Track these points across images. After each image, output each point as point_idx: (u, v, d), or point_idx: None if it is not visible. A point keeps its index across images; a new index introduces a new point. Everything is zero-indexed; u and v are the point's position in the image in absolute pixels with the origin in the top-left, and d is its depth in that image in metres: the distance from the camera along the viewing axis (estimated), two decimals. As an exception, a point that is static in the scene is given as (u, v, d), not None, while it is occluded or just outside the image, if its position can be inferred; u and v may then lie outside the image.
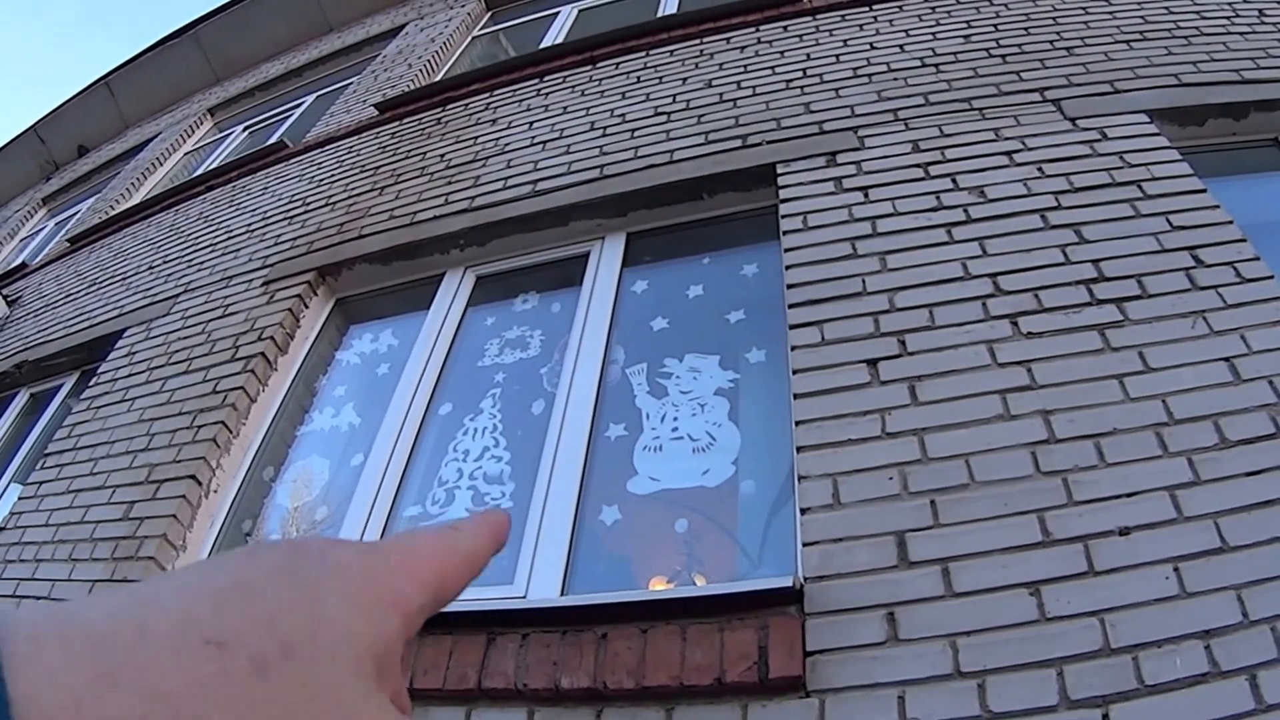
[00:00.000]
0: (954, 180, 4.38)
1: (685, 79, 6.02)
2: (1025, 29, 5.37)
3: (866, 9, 6.04)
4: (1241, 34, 4.96)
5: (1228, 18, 5.10)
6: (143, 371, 5.98)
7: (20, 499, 5.67)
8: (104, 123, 13.90)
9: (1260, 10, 5.15)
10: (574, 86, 6.53)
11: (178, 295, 6.66)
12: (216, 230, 7.33)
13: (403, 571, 0.43)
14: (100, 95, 13.71)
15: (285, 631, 0.35)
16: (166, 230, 8.07)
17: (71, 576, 4.68)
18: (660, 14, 7.73)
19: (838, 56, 5.62)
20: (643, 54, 6.55)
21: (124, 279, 7.62)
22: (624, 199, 5.17)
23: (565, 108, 6.29)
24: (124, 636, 0.32)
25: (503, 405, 4.67)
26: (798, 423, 3.55)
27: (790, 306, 4.03)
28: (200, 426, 5.08)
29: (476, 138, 6.44)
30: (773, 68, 5.76)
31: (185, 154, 11.54)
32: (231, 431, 5.05)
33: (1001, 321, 3.65)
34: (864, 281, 4.01)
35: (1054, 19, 5.41)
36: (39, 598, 4.69)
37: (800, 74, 5.58)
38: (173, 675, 0.31)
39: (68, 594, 4.58)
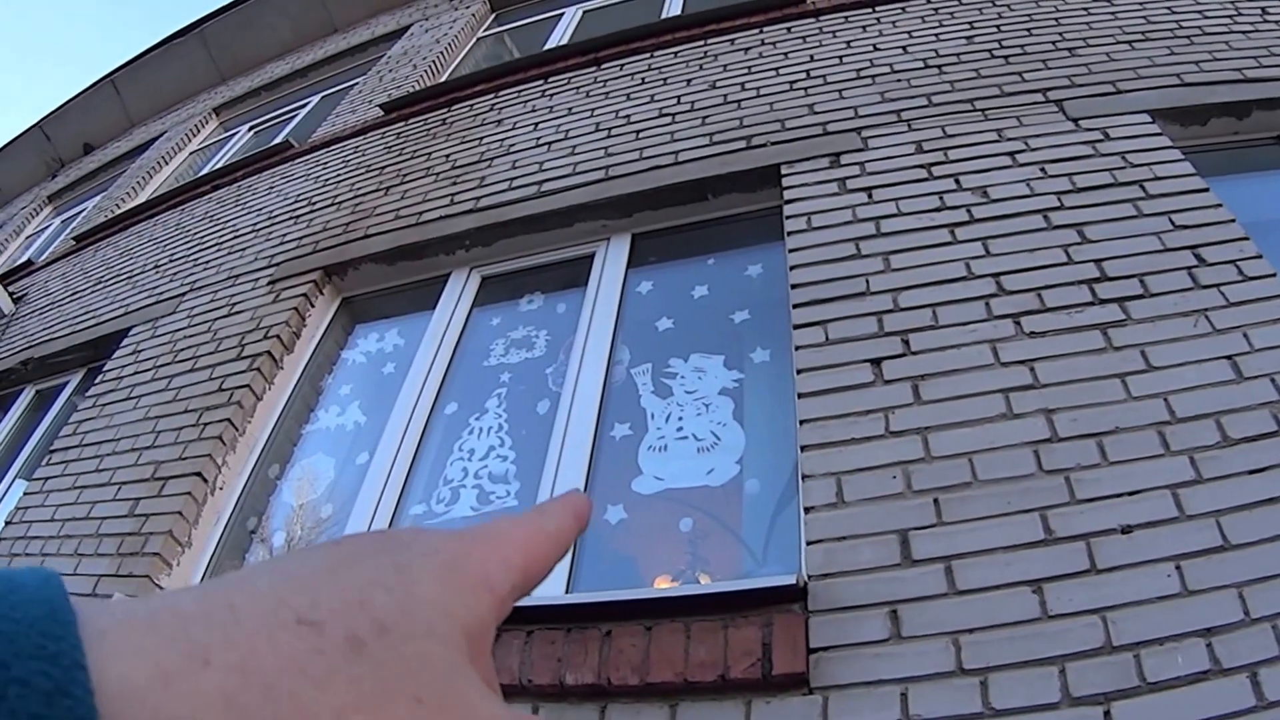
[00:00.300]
0: (957, 181, 4.39)
1: (690, 80, 6.03)
2: (1028, 30, 5.38)
3: (869, 10, 6.06)
4: (1244, 32, 4.96)
5: (1230, 16, 5.11)
6: (149, 369, 6.00)
7: (26, 495, 5.69)
8: (110, 121, 13.90)
9: (1263, 9, 5.15)
10: (579, 88, 6.55)
11: (184, 294, 6.67)
12: (222, 229, 7.35)
13: (492, 555, 0.43)
14: (106, 93, 13.71)
15: (379, 609, 0.35)
16: (172, 229, 8.09)
17: (77, 571, 4.70)
18: (665, 15, 7.73)
19: (841, 58, 5.64)
20: (647, 55, 6.56)
21: (130, 277, 7.64)
22: (629, 200, 5.19)
23: (570, 109, 6.30)
24: (215, 616, 0.32)
25: (508, 405, 4.68)
26: (802, 422, 3.56)
27: (794, 306, 4.05)
28: (206, 424, 5.10)
29: (482, 138, 6.46)
30: (776, 69, 5.77)
31: (191, 153, 11.55)
32: (237, 429, 5.07)
33: (1004, 321, 3.66)
34: (868, 281, 4.02)
35: (1056, 20, 5.42)
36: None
37: (804, 75, 5.59)
38: (266, 653, 0.31)
39: (72, 589, 4.54)
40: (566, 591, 3.53)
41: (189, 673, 0.29)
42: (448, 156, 6.43)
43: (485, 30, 9.90)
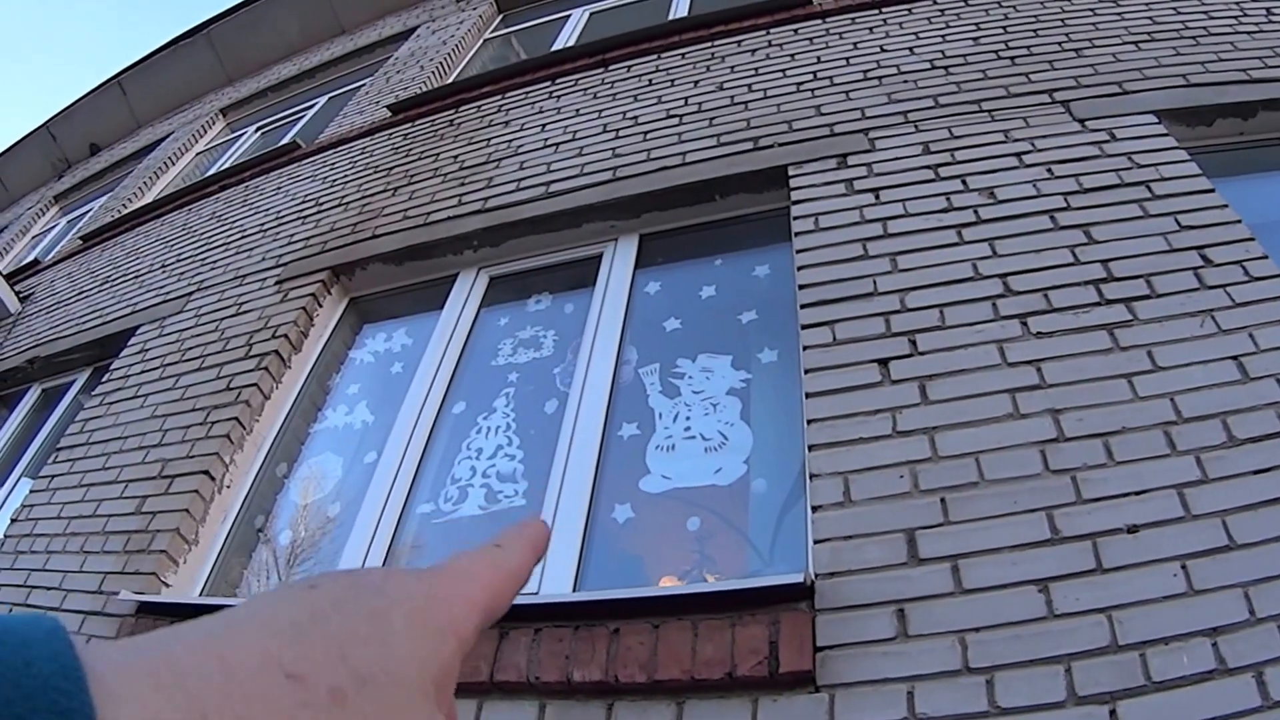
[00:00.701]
0: (964, 182, 4.40)
1: (697, 82, 6.05)
2: (1034, 31, 5.39)
3: (876, 12, 6.07)
4: (1249, 33, 4.96)
5: (1235, 17, 5.11)
6: (156, 368, 6.02)
7: (32, 493, 5.72)
8: (116, 121, 13.95)
9: (1268, 9, 5.15)
10: (586, 89, 6.56)
11: (191, 293, 6.70)
12: (230, 229, 7.38)
13: (457, 596, 0.46)
14: (112, 94, 13.75)
15: (358, 661, 0.37)
16: (179, 229, 8.12)
17: (83, 568, 4.72)
18: (672, 17, 7.77)
19: (848, 59, 5.65)
20: (654, 57, 6.58)
21: (137, 277, 7.67)
22: (637, 200, 5.20)
23: (578, 110, 6.32)
24: (210, 670, 0.33)
25: (516, 404, 4.70)
26: (809, 421, 3.57)
27: (802, 307, 4.06)
28: (214, 423, 5.12)
29: (490, 139, 6.47)
30: (783, 70, 5.78)
31: (197, 154, 11.59)
32: (245, 428, 5.09)
33: (1011, 321, 3.67)
34: (875, 282, 4.03)
35: (1062, 21, 5.42)
36: (49, 589, 4.74)
37: (811, 76, 5.60)
38: (259, 709, 0.33)
39: (78, 585, 4.63)
40: (574, 590, 3.54)
41: None
42: (455, 157, 6.45)
43: (492, 32, 9.92)
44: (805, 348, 3.87)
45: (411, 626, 0.41)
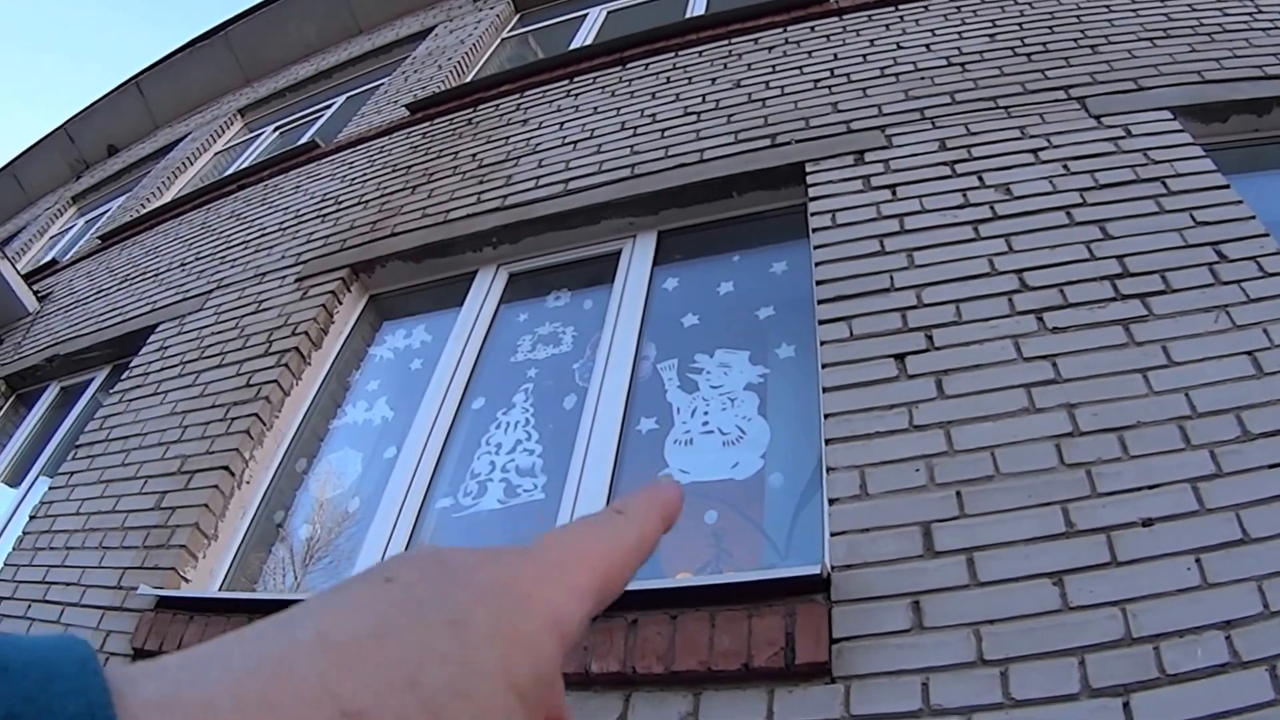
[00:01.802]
0: (980, 178, 4.41)
1: (714, 79, 6.07)
2: (1049, 27, 5.39)
3: (892, 9, 6.07)
4: (1264, 29, 4.95)
5: (1250, 14, 5.10)
6: (175, 365, 6.06)
7: (51, 490, 5.78)
8: (134, 122, 14.01)
9: (1284, 6, 5.16)
10: (604, 87, 6.58)
11: (210, 291, 6.74)
12: (249, 228, 7.42)
13: (560, 582, 0.40)
14: (130, 95, 13.82)
15: (430, 690, 0.32)
16: (198, 228, 8.17)
17: (102, 564, 4.76)
18: (689, 15, 7.78)
19: (865, 56, 5.66)
20: (672, 55, 6.60)
21: (156, 275, 7.72)
22: (655, 197, 5.22)
23: (596, 108, 6.34)
24: (251, 714, 0.29)
25: (535, 400, 4.72)
26: (826, 416, 3.59)
27: (819, 303, 4.07)
28: (233, 419, 5.16)
29: (508, 137, 6.50)
30: (800, 68, 5.80)
31: (216, 154, 11.65)
32: (264, 424, 5.13)
33: (1027, 317, 3.68)
34: (892, 278, 4.05)
35: (1078, 17, 5.42)
36: (68, 584, 4.78)
37: (828, 74, 5.62)
38: None
39: (97, 581, 4.67)
40: (593, 582, 3.56)
41: None
42: (474, 156, 6.48)
43: (509, 31, 9.95)
44: (822, 343, 3.89)
45: (501, 632, 0.36)
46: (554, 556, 0.42)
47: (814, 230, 4.47)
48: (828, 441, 3.49)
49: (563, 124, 6.34)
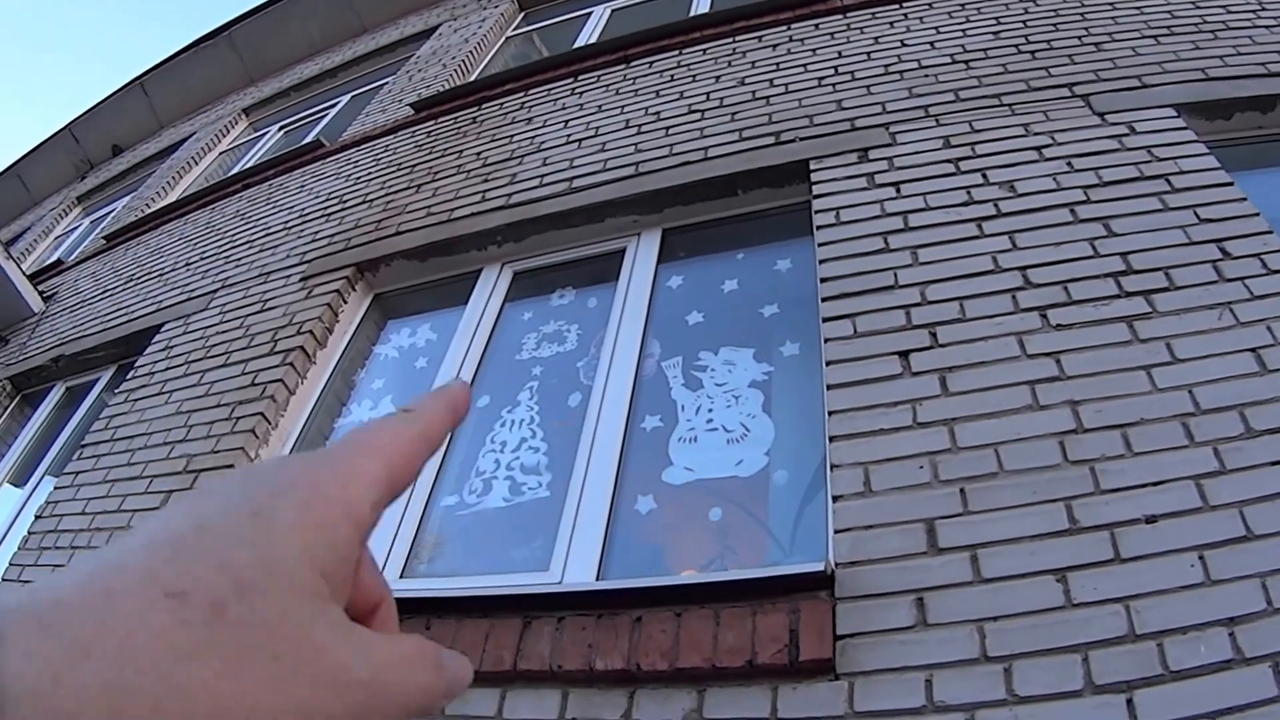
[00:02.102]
0: (984, 175, 4.41)
1: (718, 77, 6.07)
2: (1054, 25, 5.39)
3: (897, 6, 6.07)
4: (1268, 27, 4.95)
5: (1254, 11, 5.09)
6: (180, 365, 6.07)
7: (56, 489, 5.78)
8: (138, 123, 14.03)
9: (1287, 3, 5.16)
10: (608, 85, 6.59)
11: (215, 291, 6.75)
12: (254, 227, 7.43)
13: (351, 474, 0.43)
14: (135, 96, 13.83)
15: (238, 569, 0.36)
16: (203, 228, 8.18)
17: (107, 564, 4.76)
18: (693, 13, 7.77)
19: (869, 54, 5.66)
20: (676, 53, 6.61)
21: (161, 275, 7.73)
22: (659, 195, 5.23)
23: (600, 106, 6.35)
24: (92, 604, 0.33)
25: (540, 398, 4.73)
26: (831, 413, 3.60)
27: (823, 300, 4.08)
28: (239, 418, 5.17)
29: (512, 136, 6.51)
30: (805, 65, 5.80)
31: (220, 153, 11.65)
32: (270, 423, 5.13)
33: (1031, 314, 3.68)
34: (896, 275, 4.05)
35: (1082, 15, 5.42)
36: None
37: (832, 71, 5.62)
38: (139, 634, 0.33)
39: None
40: (597, 579, 3.57)
41: (74, 667, 0.31)
42: (479, 154, 6.49)
43: (514, 30, 9.95)
44: (826, 340, 3.90)
45: (301, 520, 0.40)
46: (345, 452, 0.45)
47: (818, 228, 4.47)
48: (832, 439, 3.50)
49: (567, 122, 6.34)
